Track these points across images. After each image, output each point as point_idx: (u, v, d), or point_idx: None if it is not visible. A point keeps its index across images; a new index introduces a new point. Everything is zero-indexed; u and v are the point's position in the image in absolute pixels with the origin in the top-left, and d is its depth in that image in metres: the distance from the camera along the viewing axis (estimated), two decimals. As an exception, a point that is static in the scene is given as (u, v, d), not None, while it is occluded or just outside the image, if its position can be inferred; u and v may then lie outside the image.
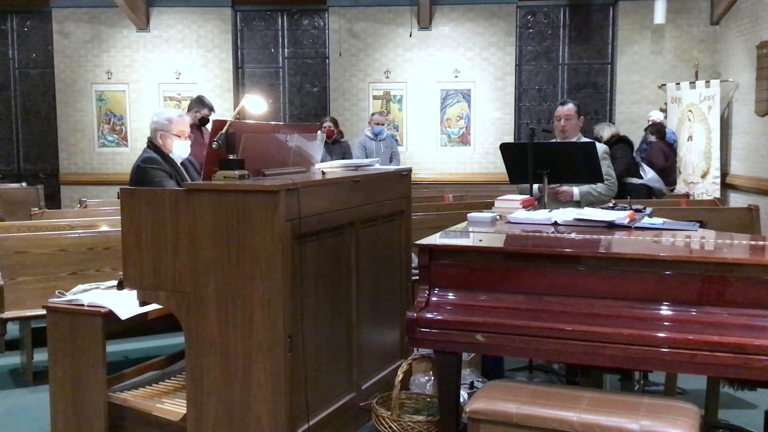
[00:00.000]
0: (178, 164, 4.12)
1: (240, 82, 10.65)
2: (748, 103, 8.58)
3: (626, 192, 6.48)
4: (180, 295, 3.03)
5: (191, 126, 6.46)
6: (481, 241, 3.17)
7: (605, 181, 4.44)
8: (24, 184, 9.04)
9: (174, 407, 3.32)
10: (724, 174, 8.97)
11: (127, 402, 3.42)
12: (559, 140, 4.70)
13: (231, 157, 3.12)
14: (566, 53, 10.42)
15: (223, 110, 9.91)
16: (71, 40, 10.45)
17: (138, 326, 3.82)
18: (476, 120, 10.29)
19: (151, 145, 4.08)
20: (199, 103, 6.66)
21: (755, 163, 8.44)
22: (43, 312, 3.54)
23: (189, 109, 6.77)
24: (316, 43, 10.67)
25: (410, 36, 10.21)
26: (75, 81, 10.48)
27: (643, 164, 7.08)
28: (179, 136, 4.06)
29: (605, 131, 7.10)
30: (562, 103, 4.68)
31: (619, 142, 7.08)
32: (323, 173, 3.54)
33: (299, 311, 3.01)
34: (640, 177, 7.01)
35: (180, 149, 4.08)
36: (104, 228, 5.30)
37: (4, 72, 10.77)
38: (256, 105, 3.67)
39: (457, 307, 2.90)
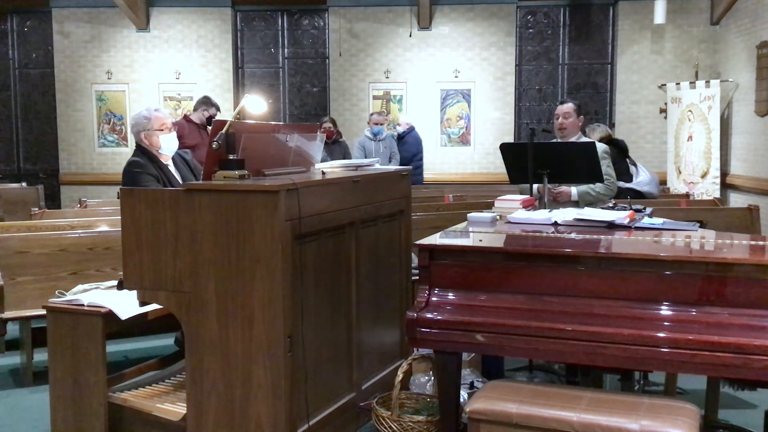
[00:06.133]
0: (170, 163, 4.10)
1: (240, 82, 10.65)
2: (748, 103, 8.58)
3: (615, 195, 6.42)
4: (180, 295, 3.03)
5: (198, 126, 6.51)
6: (481, 241, 3.17)
7: (605, 181, 4.45)
8: (24, 184, 9.03)
9: (174, 407, 3.32)
10: (724, 174, 8.97)
11: (127, 402, 3.42)
12: (558, 139, 4.71)
13: (231, 157, 3.12)
14: (566, 53, 10.42)
15: (223, 110, 9.89)
16: (71, 40, 10.44)
17: (138, 326, 3.82)
18: (476, 120, 10.29)
19: (139, 147, 4.05)
20: (206, 102, 6.70)
21: (755, 163, 8.43)
22: (43, 312, 3.54)
23: (195, 110, 6.80)
24: (316, 43, 10.67)
25: (410, 36, 10.20)
26: (75, 81, 10.47)
27: (638, 167, 7.01)
28: (162, 130, 4.01)
29: (595, 133, 7.03)
30: (562, 102, 4.74)
31: (608, 144, 7.01)
32: (323, 173, 3.54)
33: (299, 311, 3.01)
34: (629, 180, 6.95)
35: (167, 143, 4.04)
36: (104, 228, 5.30)
37: (4, 72, 10.76)
38: (256, 105, 3.67)
39: (457, 307, 2.90)
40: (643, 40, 9.98)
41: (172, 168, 4.11)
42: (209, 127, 6.49)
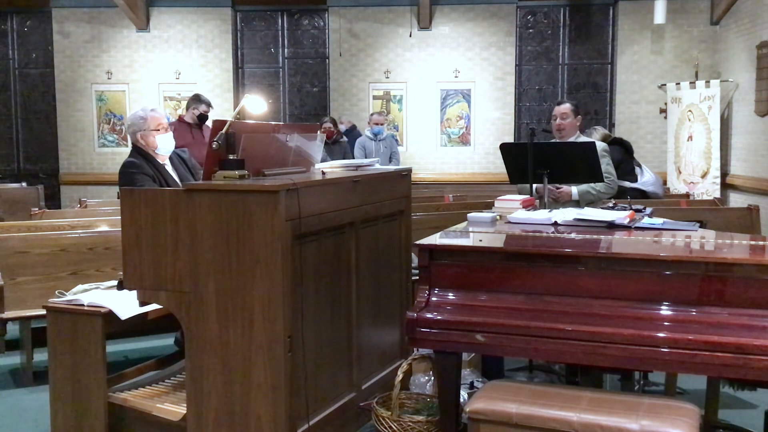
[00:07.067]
0: (167, 163, 4.08)
1: (240, 82, 10.65)
2: (748, 103, 8.58)
3: (618, 194, 6.41)
4: (180, 295, 3.03)
5: (189, 126, 6.49)
6: (481, 241, 3.17)
7: (605, 180, 4.45)
8: (24, 184, 9.03)
9: (174, 407, 3.31)
10: (724, 174, 8.97)
11: (127, 402, 3.42)
12: (557, 140, 4.71)
13: (231, 157, 3.12)
14: (566, 53, 10.42)
15: (223, 110, 9.91)
16: (71, 40, 10.44)
17: (138, 326, 3.82)
18: (476, 120, 10.29)
19: (135, 148, 4.03)
20: (196, 100, 6.65)
21: (755, 163, 8.43)
22: (43, 312, 3.54)
23: (187, 108, 6.77)
24: (316, 43, 10.67)
25: (410, 36, 10.20)
26: (75, 81, 10.47)
27: (642, 168, 7.01)
28: (158, 131, 3.99)
29: (594, 135, 7.02)
30: (559, 103, 4.76)
31: (612, 144, 7.02)
32: (323, 173, 3.54)
33: (299, 311, 3.01)
34: (634, 180, 6.96)
35: (164, 143, 4.01)
36: (104, 228, 5.30)
37: (4, 72, 10.76)
38: (256, 105, 3.67)
39: (457, 307, 2.90)
40: (643, 40, 9.98)
41: (169, 168, 4.10)
42: (205, 125, 6.54)
